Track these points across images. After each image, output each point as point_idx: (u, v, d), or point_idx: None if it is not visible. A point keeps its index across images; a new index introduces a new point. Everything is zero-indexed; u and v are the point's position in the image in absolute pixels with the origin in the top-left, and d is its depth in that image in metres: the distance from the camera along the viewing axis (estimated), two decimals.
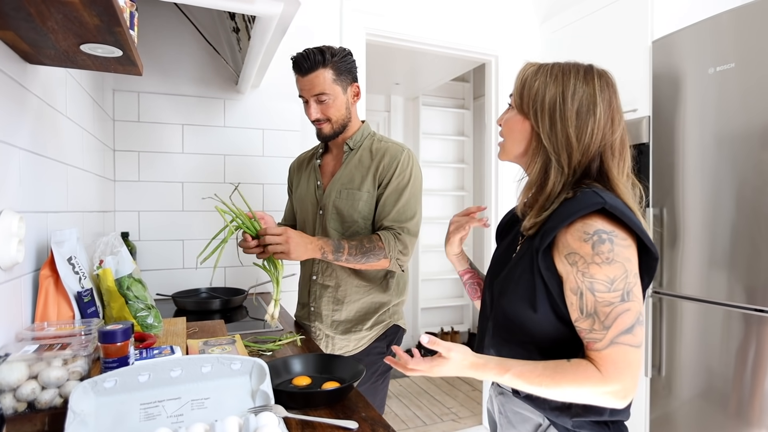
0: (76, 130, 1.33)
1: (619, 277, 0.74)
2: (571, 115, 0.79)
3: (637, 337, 0.74)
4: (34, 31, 0.77)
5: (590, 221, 0.75)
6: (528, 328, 0.82)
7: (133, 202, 1.93)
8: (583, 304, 0.75)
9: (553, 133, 0.80)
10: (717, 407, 1.59)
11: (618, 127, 0.82)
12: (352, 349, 1.39)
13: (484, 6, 2.51)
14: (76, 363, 0.80)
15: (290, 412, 0.79)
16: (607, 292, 0.74)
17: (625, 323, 0.73)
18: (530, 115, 0.83)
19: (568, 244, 0.76)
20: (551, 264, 0.79)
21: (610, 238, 0.74)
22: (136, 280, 1.16)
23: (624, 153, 0.83)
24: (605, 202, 0.74)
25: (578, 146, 0.79)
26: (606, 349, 0.74)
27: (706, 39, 1.66)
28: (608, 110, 0.81)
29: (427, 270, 4.15)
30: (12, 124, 0.88)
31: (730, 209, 1.58)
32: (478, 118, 4.22)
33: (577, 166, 0.80)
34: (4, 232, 0.81)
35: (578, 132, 0.79)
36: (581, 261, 0.75)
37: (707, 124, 1.66)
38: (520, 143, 0.86)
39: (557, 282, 0.78)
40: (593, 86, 0.80)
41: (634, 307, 0.74)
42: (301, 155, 1.61)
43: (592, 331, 0.75)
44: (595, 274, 0.74)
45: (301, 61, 1.29)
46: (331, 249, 1.26)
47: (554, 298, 0.79)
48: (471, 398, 3.20)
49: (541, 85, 0.82)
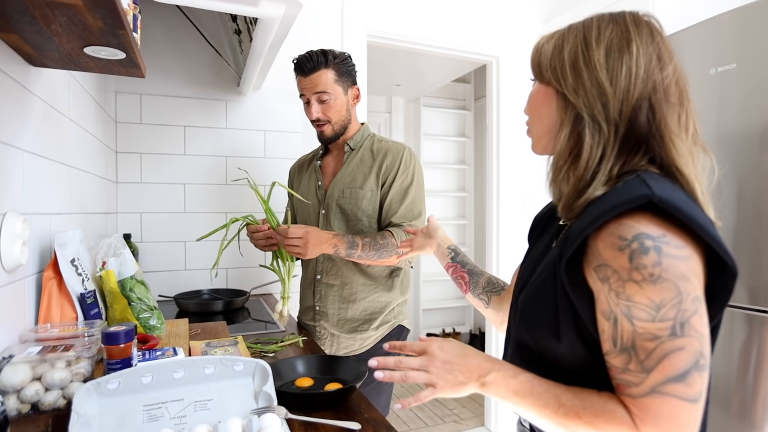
0: (78, 132, 1.33)
1: (669, 301, 0.53)
2: (599, 57, 0.61)
3: (694, 388, 0.53)
4: (38, 34, 0.77)
5: (629, 221, 0.55)
6: (550, 360, 0.64)
7: (135, 203, 1.93)
8: (617, 335, 0.56)
9: (580, 84, 0.62)
10: (720, 409, 1.59)
11: (668, 66, 0.61)
12: (357, 349, 1.40)
13: (485, 7, 2.51)
14: (80, 364, 0.80)
15: (293, 413, 0.79)
16: (651, 321, 0.54)
17: (674, 367, 0.53)
18: (549, 76, 0.66)
19: (598, 252, 0.57)
20: (580, 278, 0.60)
21: (657, 246, 0.53)
22: (138, 282, 1.16)
23: (684, 101, 0.62)
24: (652, 193, 0.54)
25: (614, 91, 0.60)
26: (644, 397, 0.55)
27: (707, 39, 1.66)
28: (650, 46, 0.61)
29: (428, 271, 4.15)
30: (16, 126, 0.88)
31: (731, 210, 1.58)
32: (480, 119, 4.22)
33: (619, 118, 0.60)
34: (8, 234, 0.82)
35: (611, 74, 0.61)
36: (615, 277, 0.55)
37: (708, 124, 1.66)
38: (548, 119, 0.67)
39: (588, 301, 0.59)
40: (624, 23, 0.63)
41: (690, 345, 0.53)
42: (300, 158, 1.63)
43: (627, 371, 0.56)
44: (634, 296, 0.54)
45: (304, 62, 1.33)
46: (345, 245, 1.28)
47: (583, 324, 0.60)
48: (473, 399, 3.20)
49: (558, 42, 0.66)
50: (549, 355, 0.64)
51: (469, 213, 4.32)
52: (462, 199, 4.33)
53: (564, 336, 0.62)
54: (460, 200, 4.33)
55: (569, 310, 0.61)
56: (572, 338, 0.61)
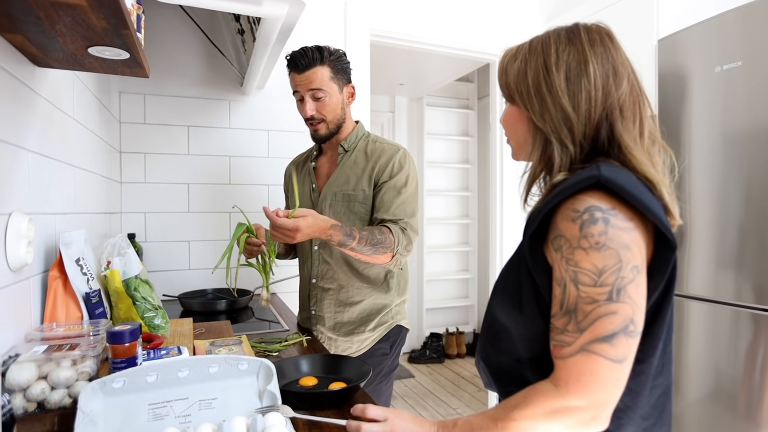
0: (83, 132, 1.34)
1: (610, 268, 0.59)
2: (560, 83, 0.67)
3: (619, 349, 0.58)
4: (42, 35, 0.77)
5: (584, 197, 0.61)
6: (514, 333, 0.70)
7: (139, 203, 1.94)
8: (565, 298, 0.61)
9: (545, 110, 0.68)
10: (725, 408, 1.58)
11: (623, 80, 0.67)
12: (355, 351, 1.39)
13: (488, 6, 2.50)
14: (85, 363, 0.80)
15: (297, 412, 0.79)
16: (593, 286, 0.59)
17: (604, 328, 0.58)
18: (517, 100, 0.71)
19: (556, 225, 0.63)
20: (541, 255, 0.66)
21: (605, 217, 0.59)
22: (143, 281, 1.17)
23: (639, 112, 0.68)
24: (600, 174, 0.60)
25: (577, 116, 0.66)
26: (573, 356, 0.60)
27: (712, 37, 1.65)
28: (605, 63, 0.67)
29: (431, 270, 4.15)
30: (21, 126, 0.88)
31: (737, 208, 1.57)
32: (483, 118, 4.22)
33: (583, 139, 0.67)
34: (14, 234, 0.82)
35: (573, 100, 0.66)
36: (566, 245, 0.61)
37: (714, 122, 1.65)
38: (523, 136, 0.73)
39: (548, 277, 0.65)
40: (580, 43, 0.68)
41: (623, 310, 0.58)
42: (295, 158, 1.60)
43: (564, 331, 0.61)
44: (580, 262, 0.60)
45: (298, 58, 1.29)
46: (341, 235, 1.19)
47: (542, 298, 0.66)
48: (476, 399, 3.19)
49: (521, 64, 0.71)
50: (513, 326, 0.70)
51: (472, 212, 4.31)
52: (465, 198, 4.32)
53: (525, 308, 0.68)
54: (463, 199, 4.32)
55: (530, 285, 0.67)
56: (532, 310, 0.67)
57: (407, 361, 3.93)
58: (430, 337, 3.99)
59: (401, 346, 1.47)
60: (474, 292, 4.32)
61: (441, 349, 3.95)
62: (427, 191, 4.04)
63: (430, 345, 3.94)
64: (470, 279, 4.32)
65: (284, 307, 1.78)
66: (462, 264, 4.37)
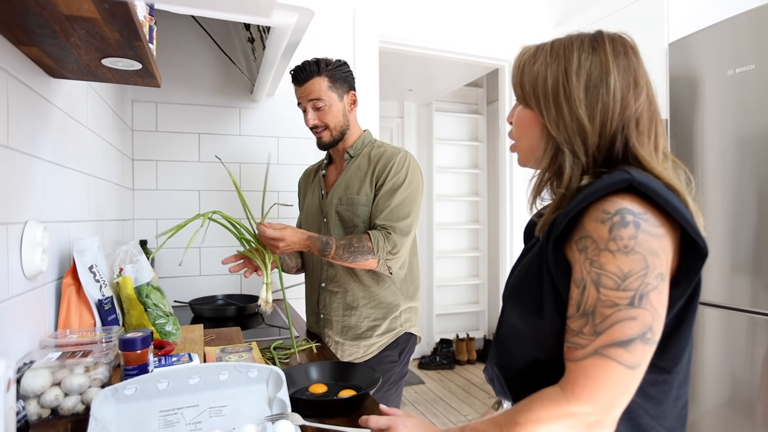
0: (96, 141, 1.36)
1: (636, 273, 0.57)
2: (578, 93, 0.65)
3: (634, 355, 0.57)
4: (58, 47, 0.79)
5: (615, 198, 0.60)
6: (533, 338, 0.69)
7: (151, 210, 1.96)
8: (583, 300, 0.60)
9: (561, 119, 0.67)
10: (743, 416, 1.55)
11: (642, 93, 0.66)
12: (362, 356, 1.39)
13: (497, 11, 2.50)
14: (98, 370, 0.81)
15: (307, 420, 0.79)
16: (615, 289, 0.58)
17: (622, 333, 0.57)
18: (533, 104, 0.70)
19: (582, 226, 0.61)
20: (563, 258, 0.64)
21: (636, 221, 0.58)
22: (154, 288, 1.18)
23: (655, 127, 0.67)
24: (632, 177, 0.59)
25: (592, 127, 0.65)
26: (585, 359, 0.58)
27: (724, 40, 1.63)
28: (627, 75, 0.66)
29: (441, 276, 4.13)
30: (37, 137, 0.90)
31: (752, 213, 1.54)
32: (492, 123, 4.20)
33: (596, 151, 0.66)
34: (29, 242, 0.83)
35: (590, 111, 0.65)
36: (592, 246, 0.59)
37: (727, 126, 1.63)
38: (536, 141, 0.72)
39: (568, 279, 0.63)
40: (603, 53, 0.66)
41: (643, 317, 0.57)
42: (307, 168, 1.65)
43: (580, 334, 0.60)
44: (606, 265, 0.58)
45: (298, 72, 1.37)
46: (318, 247, 1.29)
47: (562, 302, 0.64)
48: (487, 405, 3.17)
49: (541, 68, 0.69)
50: (533, 331, 0.69)
51: (482, 217, 4.30)
52: (475, 203, 4.30)
53: (546, 314, 0.65)
54: (473, 205, 4.31)
55: (551, 290, 0.65)
56: (552, 315, 0.65)
57: (417, 367, 3.91)
58: (440, 343, 3.97)
59: (410, 354, 1.47)
60: (484, 298, 4.29)
61: (451, 355, 3.92)
62: (437, 196, 4.03)
63: (440, 351, 3.92)
64: (480, 284, 4.30)
65: (294, 314, 1.79)
66: (472, 269, 4.34)
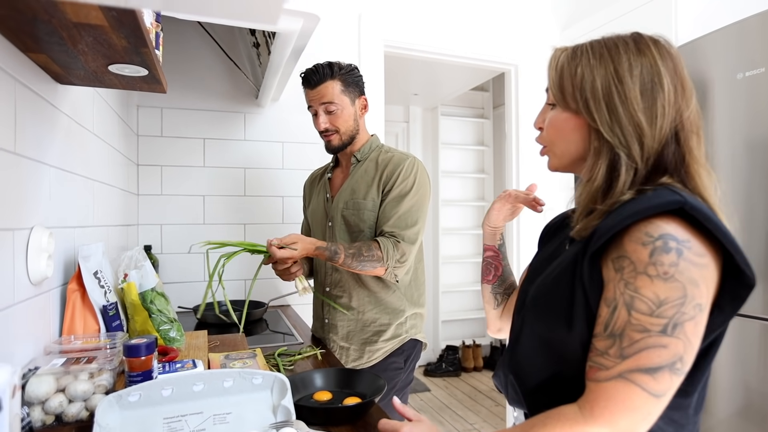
0: (102, 147, 1.37)
1: (672, 301, 0.56)
2: (635, 95, 0.63)
3: (660, 384, 0.55)
4: (65, 54, 0.79)
5: (659, 222, 0.57)
6: (559, 350, 0.67)
7: (155, 215, 1.97)
8: (612, 321, 0.58)
9: (616, 122, 0.64)
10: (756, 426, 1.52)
11: (692, 98, 0.66)
12: (366, 362, 1.38)
13: (503, 15, 2.50)
14: (102, 377, 0.81)
15: (311, 427, 0.78)
16: (649, 315, 0.56)
17: (650, 360, 0.55)
18: (581, 108, 0.67)
19: (621, 245, 0.59)
20: (598, 273, 0.62)
21: (679, 248, 0.56)
22: (159, 294, 1.18)
23: (701, 129, 0.66)
24: (685, 200, 0.57)
25: (651, 131, 0.63)
26: (608, 381, 0.57)
27: (733, 43, 1.62)
28: (675, 79, 0.65)
29: (447, 282, 4.11)
30: (44, 143, 0.90)
31: (763, 218, 1.52)
32: (498, 127, 4.20)
33: (651, 155, 0.64)
34: (35, 248, 0.83)
35: (648, 114, 0.63)
36: (630, 267, 0.58)
37: (737, 130, 1.61)
38: (576, 145, 0.69)
39: (599, 295, 0.62)
40: (651, 55, 0.65)
41: (674, 346, 0.55)
42: (313, 172, 1.65)
43: (605, 355, 0.58)
44: (641, 288, 0.57)
45: (310, 75, 1.36)
46: (326, 256, 1.29)
47: (592, 317, 0.63)
48: (494, 414, 3.14)
49: (587, 70, 0.66)
50: (559, 343, 0.66)
51: None
52: (481, 208, 4.29)
53: (575, 326, 0.64)
54: (479, 209, 4.29)
55: (583, 302, 0.63)
56: (582, 328, 0.63)
57: (423, 374, 3.88)
58: (446, 349, 3.94)
59: (416, 360, 1.46)
60: None
61: (457, 362, 3.90)
62: (443, 201, 4.02)
63: (446, 358, 3.89)
64: None
65: (298, 320, 1.78)
66: (478, 275, 4.32)
